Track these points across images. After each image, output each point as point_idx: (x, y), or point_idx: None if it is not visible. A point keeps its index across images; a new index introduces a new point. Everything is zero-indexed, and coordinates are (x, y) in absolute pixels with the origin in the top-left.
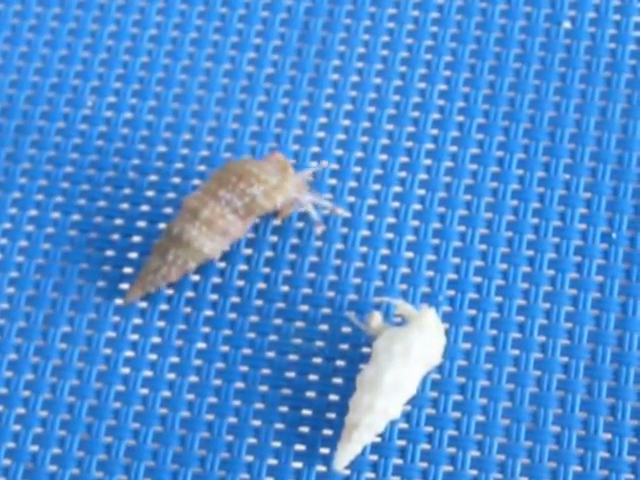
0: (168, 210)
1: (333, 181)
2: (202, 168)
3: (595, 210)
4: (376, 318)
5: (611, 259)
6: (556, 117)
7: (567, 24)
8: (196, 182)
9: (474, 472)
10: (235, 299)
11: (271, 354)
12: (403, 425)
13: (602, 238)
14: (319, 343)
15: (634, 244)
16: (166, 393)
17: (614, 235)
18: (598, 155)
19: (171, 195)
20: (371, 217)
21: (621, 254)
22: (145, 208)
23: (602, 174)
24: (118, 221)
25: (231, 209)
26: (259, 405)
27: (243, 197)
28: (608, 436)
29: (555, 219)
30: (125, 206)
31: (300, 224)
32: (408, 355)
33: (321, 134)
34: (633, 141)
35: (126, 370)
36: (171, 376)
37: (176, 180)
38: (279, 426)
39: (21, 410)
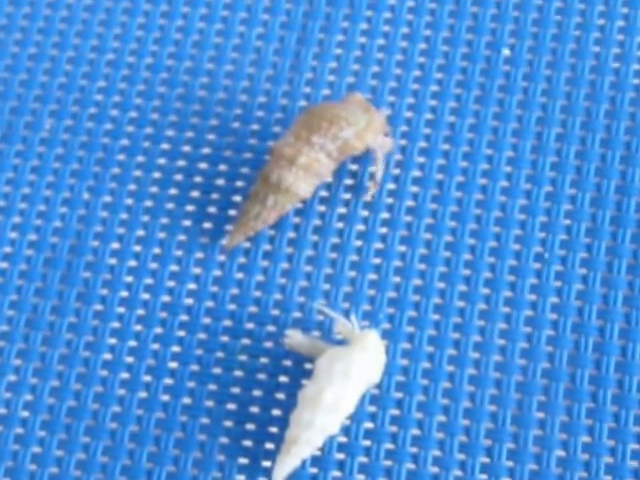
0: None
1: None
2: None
3: (529, 231)
4: (295, 336)
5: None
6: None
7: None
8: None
9: None
10: (184, 317)
11: (217, 370)
12: (342, 439)
13: (535, 258)
14: (263, 360)
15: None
16: (116, 408)
17: (546, 256)
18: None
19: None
20: (315, 237)
21: (527, 287)
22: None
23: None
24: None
25: (325, 153)
26: (205, 420)
27: (336, 141)
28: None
29: (491, 239)
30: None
31: (248, 244)
32: (348, 375)
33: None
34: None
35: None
36: (121, 392)
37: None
38: (224, 440)
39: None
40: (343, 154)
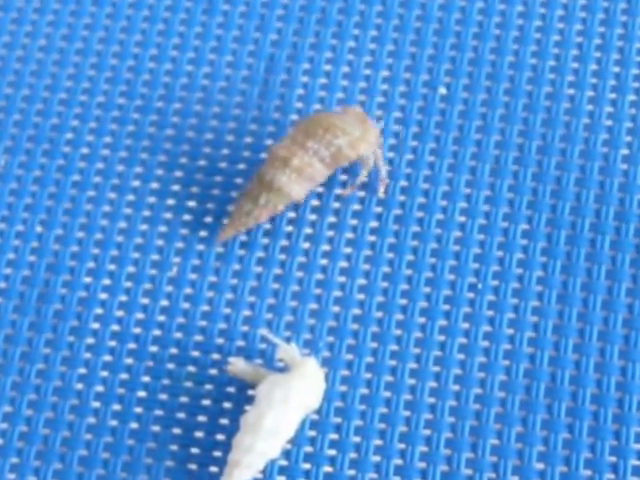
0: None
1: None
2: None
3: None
4: (237, 364)
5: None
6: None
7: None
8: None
9: None
10: (132, 345)
11: (163, 396)
12: (283, 462)
13: (470, 288)
14: (208, 386)
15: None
16: (66, 433)
17: (479, 286)
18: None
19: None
20: (259, 269)
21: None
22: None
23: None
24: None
25: (318, 158)
26: (151, 444)
27: (330, 147)
28: None
29: (427, 270)
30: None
31: (194, 276)
32: (287, 401)
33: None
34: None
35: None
36: (71, 417)
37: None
38: (169, 464)
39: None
40: (336, 161)
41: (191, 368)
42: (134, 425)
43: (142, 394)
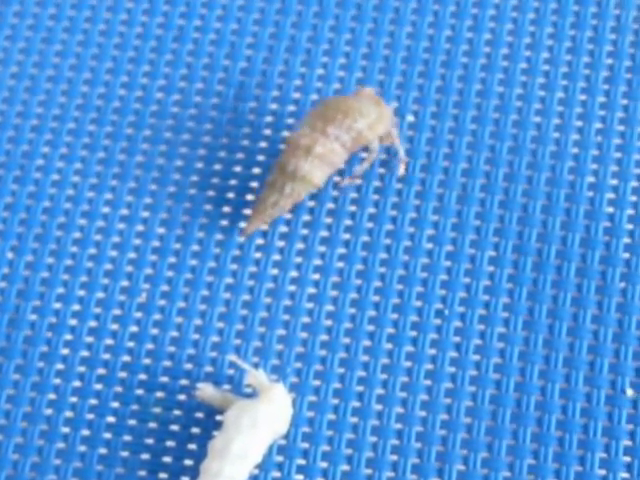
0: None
1: None
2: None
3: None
4: (205, 389)
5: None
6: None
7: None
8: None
9: None
10: (102, 371)
11: (132, 422)
12: None
13: (436, 314)
14: (176, 412)
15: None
16: (35, 458)
17: (446, 312)
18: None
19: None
20: (227, 295)
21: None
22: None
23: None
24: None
25: (340, 143)
26: (120, 470)
27: (350, 132)
28: None
29: (394, 297)
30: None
31: (163, 302)
32: (255, 426)
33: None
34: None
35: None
36: (40, 442)
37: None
38: None
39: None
40: (356, 144)
41: (157, 409)
42: (103, 451)
43: (111, 419)
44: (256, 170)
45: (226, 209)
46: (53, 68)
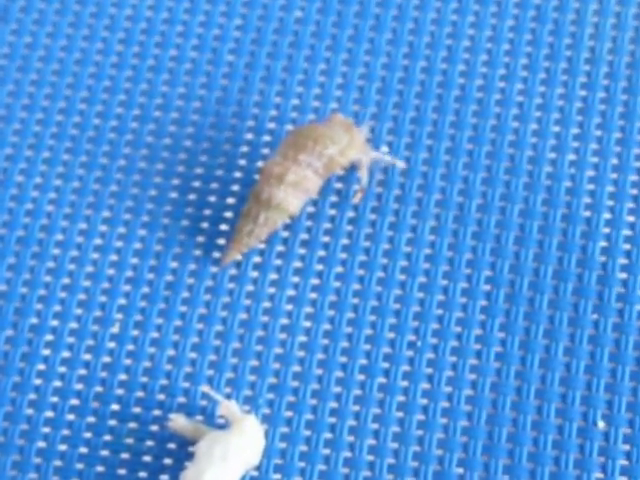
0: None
1: None
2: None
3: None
4: (178, 420)
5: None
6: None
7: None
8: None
9: None
10: (74, 401)
11: (105, 452)
12: None
13: (410, 345)
14: (149, 442)
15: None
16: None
17: (418, 344)
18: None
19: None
20: (200, 325)
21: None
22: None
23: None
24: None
25: (312, 170)
26: None
27: (321, 158)
28: None
29: (367, 328)
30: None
31: (136, 332)
32: (227, 458)
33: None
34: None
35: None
36: (13, 473)
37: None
38: None
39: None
40: (328, 170)
41: (129, 439)
42: None
43: (83, 450)
44: (230, 200)
45: (200, 239)
46: (28, 97)
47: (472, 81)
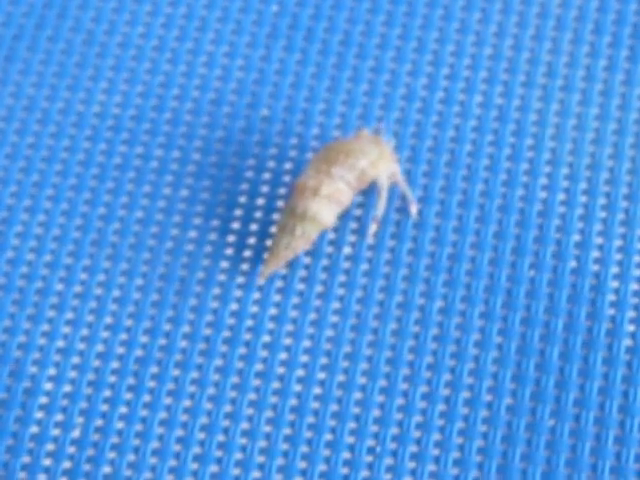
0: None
1: None
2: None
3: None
4: None
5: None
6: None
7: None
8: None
9: None
10: (67, 464)
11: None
12: None
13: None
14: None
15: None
16: None
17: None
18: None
19: (267, 175)
20: (176, 372)
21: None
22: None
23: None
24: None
25: (345, 182)
26: None
27: (353, 170)
28: None
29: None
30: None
31: (114, 378)
32: None
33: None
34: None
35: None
36: None
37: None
38: None
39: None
40: (361, 182)
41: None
42: None
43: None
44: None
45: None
46: (19, 121)
47: (488, 111)
